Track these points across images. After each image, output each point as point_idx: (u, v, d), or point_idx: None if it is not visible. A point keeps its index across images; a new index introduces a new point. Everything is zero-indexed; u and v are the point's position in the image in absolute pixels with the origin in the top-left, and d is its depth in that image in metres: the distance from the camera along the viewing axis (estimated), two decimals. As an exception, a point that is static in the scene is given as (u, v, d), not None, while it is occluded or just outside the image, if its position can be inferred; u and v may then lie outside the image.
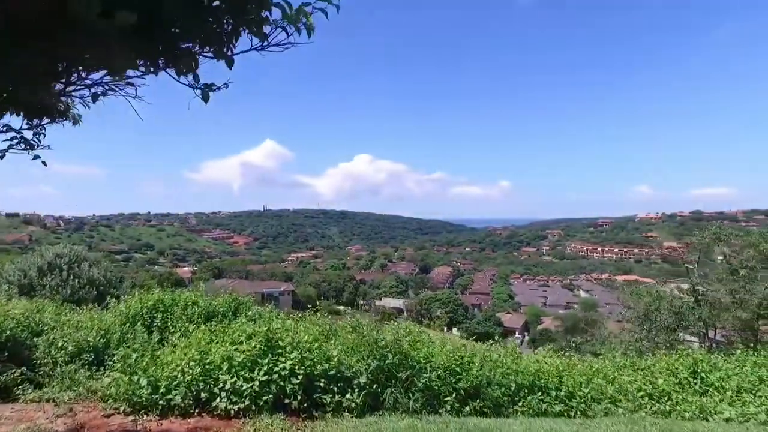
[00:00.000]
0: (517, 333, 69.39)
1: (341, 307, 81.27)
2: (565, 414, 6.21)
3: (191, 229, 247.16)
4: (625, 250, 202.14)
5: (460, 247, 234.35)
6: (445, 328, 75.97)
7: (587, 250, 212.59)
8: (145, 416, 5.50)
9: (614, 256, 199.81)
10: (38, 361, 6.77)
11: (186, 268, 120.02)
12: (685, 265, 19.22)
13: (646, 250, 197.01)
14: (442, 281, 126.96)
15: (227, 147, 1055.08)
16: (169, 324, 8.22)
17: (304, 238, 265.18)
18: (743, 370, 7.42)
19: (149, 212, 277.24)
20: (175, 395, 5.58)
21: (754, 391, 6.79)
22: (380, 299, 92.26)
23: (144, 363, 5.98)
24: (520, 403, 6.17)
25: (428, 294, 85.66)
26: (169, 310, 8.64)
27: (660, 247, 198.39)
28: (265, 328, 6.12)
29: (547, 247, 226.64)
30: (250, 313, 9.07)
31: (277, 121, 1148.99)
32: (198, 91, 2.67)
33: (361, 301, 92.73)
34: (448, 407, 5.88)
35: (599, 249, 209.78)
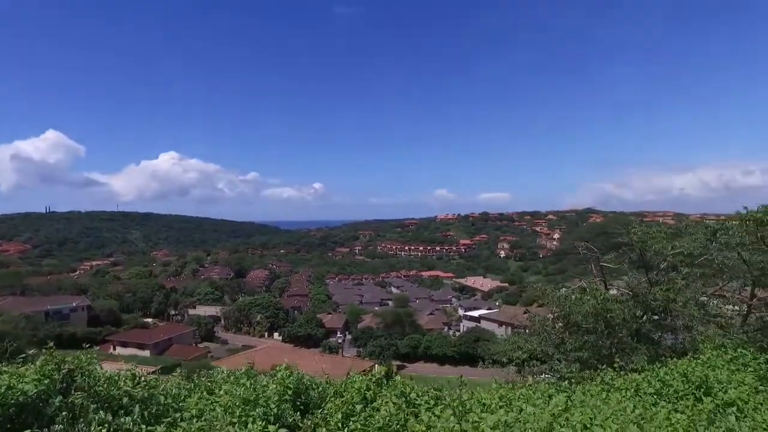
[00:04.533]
0: (338, 333, 72.08)
1: (149, 320, 74.80)
2: None
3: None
4: (428, 248, 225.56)
5: (276, 249, 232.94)
6: (266, 334, 75.76)
7: (396, 248, 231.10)
8: None
9: (419, 253, 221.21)
10: None
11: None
12: (601, 263, 15.37)
13: (446, 248, 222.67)
14: (258, 285, 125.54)
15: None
16: None
17: (101, 244, 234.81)
18: None
19: None
20: None
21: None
22: (194, 308, 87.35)
23: None
24: None
25: (246, 299, 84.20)
26: None
27: (457, 244, 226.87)
28: None
29: (360, 247, 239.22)
30: (98, 388, 4.29)
31: (64, 110, 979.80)
32: None
33: (173, 312, 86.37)
34: None
35: (407, 248, 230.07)
